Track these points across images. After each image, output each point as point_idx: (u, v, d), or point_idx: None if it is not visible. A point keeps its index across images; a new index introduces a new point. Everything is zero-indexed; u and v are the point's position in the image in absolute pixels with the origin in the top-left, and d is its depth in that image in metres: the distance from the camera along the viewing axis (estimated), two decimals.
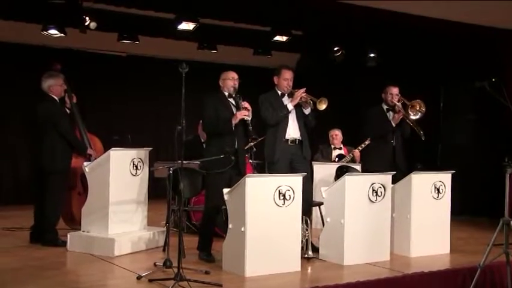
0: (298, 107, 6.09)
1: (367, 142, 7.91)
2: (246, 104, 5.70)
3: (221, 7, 8.35)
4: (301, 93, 6.02)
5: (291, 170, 5.92)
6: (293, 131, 6.10)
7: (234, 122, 5.62)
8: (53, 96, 6.41)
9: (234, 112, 5.70)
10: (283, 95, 6.17)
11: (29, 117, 6.71)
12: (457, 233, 7.04)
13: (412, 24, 8.34)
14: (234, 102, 5.79)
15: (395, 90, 6.85)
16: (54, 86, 6.42)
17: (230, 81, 5.81)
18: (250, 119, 5.69)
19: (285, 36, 9.56)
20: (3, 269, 5.30)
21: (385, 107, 6.93)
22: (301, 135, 6.13)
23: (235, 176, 5.59)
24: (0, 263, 5.54)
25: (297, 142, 6.11)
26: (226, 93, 5.83)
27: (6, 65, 9.76)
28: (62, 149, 6.31)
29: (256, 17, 8.91)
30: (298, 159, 6.09)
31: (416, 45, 9.72)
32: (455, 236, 6.72)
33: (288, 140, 6.07)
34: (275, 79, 6.19)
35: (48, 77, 6.44)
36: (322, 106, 5.98)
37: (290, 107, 6.05)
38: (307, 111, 6.12)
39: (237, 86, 5.82)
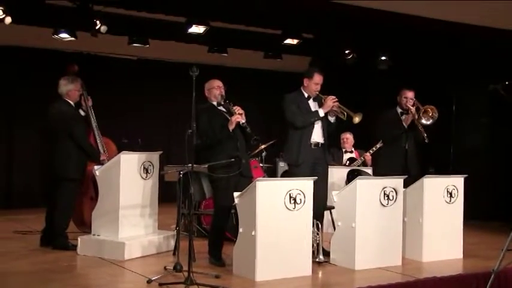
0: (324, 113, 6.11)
1: (378, 145, 7.89)
2: (238, 109, 5.66)
3: (232, 10, 8.36)
4: (332, 101, 6.03)
5: (312, 173, 5.92)
6: (317, 135, 6.13)
7: (231, 127, 5.60)
8: (68, 100, 6.43)
9: (228, 118, 5.67)
10: (309, 97, 6.17)
11: (41, 121, 6.73)
12: (470, 237, 6.98)
13: (424, 26, 8.31)
14: (224, 110, 5.77)
15: (410, 94, 6.83)
16: (72, 90, 6.43)
17: (216, 89, 5.77)
18: (245, 121, 5.67)
19: (296, 39, 9.55)
20: (13, 272, 5.33)
21: (399, 110, 6.92)
22: (324, 139, 6.15)
23: (240, 179, 5.61)
24: (11, 266, 5.58)
25: (320, 146, 6.13)
26: (215, 103, 5.79)
27: (17, 69, 9.83)
28: (77, 156, 6.31)
29: (266, 20, 8.91)
30: (320, 163, 6.14)
31: (429, 48, 9.68)
32: (468, 240, 6.68)
33: (311, 143, 6.08)
34: (305, 81, 6.17)
35: (68, 82, 6.43)
36: (356, 120, 6.03)
37: (322, 113, 6.07)
38: (332, 119, 6.15)
39: (223, 92, 5.78)
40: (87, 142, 6.45)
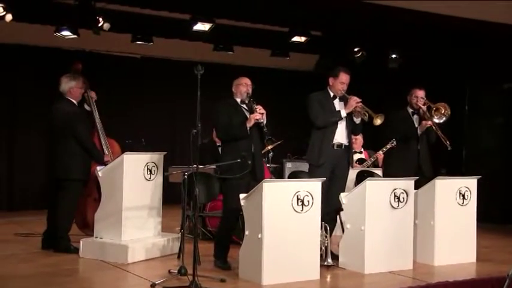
0: (348, 114, 6.10)
1: (389, 146, 7.88)
2: (260, 108, 5.68)
3: (238, 7, 8.36)
4: (355, 102, 6.02)
5: (332, 175, 5.91)
6: (340, 136, 6.10)
7: (249, 125, 5.61)
8: (71, 99, 6.44)
9: (248, 117, 5.69)
10: (334, 97, 6.16)
11: (44, 121, 6.75)
12: (484, 240, 6.96)
13: (436, 23, 8.28)
14: (246, 108, 5.79)
15: (420, 93, 6.82)
16: (75, 88, 6.43)
17: (243, 87, 5.80)
18: (264, 121, 5.68)
19: (304, 36, 9.56)
20: (14, 276, 5.34)
21: (410, 110, 6.90)
22: (348, 140, 6.15)
23: (252, 182, 5.59)
24: (12, 269, 5.59)
25: (342, 147, 6.12)
26: (239, 100, 5.82)
27: (18, 68, 9.86)
28: (81, 156, 6.31)
29: (273, 17, 8.91)
30: (342, 165, 6.12)
31: (440, 45, 9.65)
32: (482, 244, 6.65)
33: (334, 144, 6.07)
34: (330, 80, 6.15)
35: (70, 79, 6.44)
36: (378, 122, 6.00)
37: (344, 114, 6.05)
38: (357, 120, 6.14)
39: (250, 91, 5.81)
40: (90, 142, 6.45)
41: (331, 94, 6.16)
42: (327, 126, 6.05)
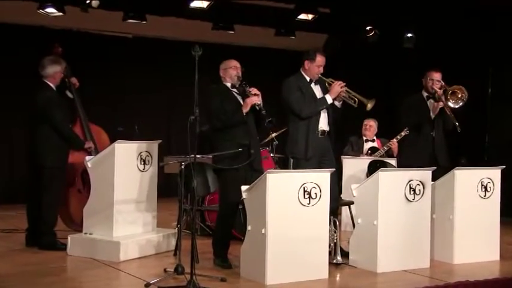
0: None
1: (403, 133, 7.89)
2: (254, 90, 5.69)
3: None
4: (340, 86, 6.06)
5: (320, 166, 5.93)
6: (323, 122, 6.16)
7: (245, 110, 5.63)
8: (50, 84, 6.45)
9: (241, 102, 5.70)
10: (311, 81, 6.18)
11: (24, 106, 6.76)
12: (508, 237, 6.98)
13: None
14: (238, 92, 5.81)
15: (437, 76, 6.82)
16: (58, 73, 6.48)
17: (233, 70, 5.81)
18: (261, 103, 5.68)
19: (311, 14, 9.54)
20: None
21: (425, 94, 6.90)
22: (329, 126, 6.18)
23: (249, 173, 5.62)
24: None
25: (326, 134, 6.15)
26: (229, 84, 5.83)
27: None
28: (58, 142, 6.35)
29: None
30: (327, 154, 6.16)
31: (461, 22, 9.60)
32: (506, 240, 6.67)
33: (318, 132, 6.09)
34: (306, 63, 6.17)
35: (55, 63, 6.48)
36: (369, 106, 6.07)
37: (330, 100, 6.09)
38: (338, 104, 6.17)
39: (240, 74, 5.82)
40: (66, 128, 6.46)
41: (307, 78, 6.19)
42: (313, 115, 6.07)
